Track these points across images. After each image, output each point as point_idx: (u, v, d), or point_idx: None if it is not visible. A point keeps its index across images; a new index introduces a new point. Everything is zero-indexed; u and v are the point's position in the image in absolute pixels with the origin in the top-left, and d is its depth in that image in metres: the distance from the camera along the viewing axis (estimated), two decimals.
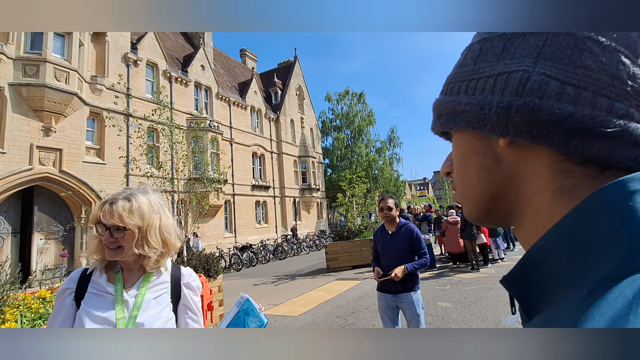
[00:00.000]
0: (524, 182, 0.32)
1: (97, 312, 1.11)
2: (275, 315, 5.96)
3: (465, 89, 0.35)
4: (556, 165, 0.30)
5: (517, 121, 0.30)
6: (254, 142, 23.66)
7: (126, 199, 1.17)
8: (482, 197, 0.36)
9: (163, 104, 7.01)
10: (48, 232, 12.46)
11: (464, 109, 0.34)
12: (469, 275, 7.88)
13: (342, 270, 10.33)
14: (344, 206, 12.66)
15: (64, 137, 12.64)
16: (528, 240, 0.33)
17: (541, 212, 0.31)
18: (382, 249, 3.15)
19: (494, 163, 0.34)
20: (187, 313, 1.26)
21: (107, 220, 1.12)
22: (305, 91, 31.45)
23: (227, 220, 20.37)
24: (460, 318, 4.91)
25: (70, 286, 1.17)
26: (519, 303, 0.33)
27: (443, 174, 0.43)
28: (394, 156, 37.16)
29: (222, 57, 26.48)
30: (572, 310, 0.24)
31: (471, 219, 0.39)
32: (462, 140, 0.37)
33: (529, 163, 0.32)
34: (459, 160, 0.38)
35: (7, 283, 3.47)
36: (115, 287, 1.16)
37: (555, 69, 0.29)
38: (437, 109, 0.39)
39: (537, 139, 0.29)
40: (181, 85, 18.67)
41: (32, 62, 11.77)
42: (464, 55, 0.37)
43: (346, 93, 35.84)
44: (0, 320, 2.99)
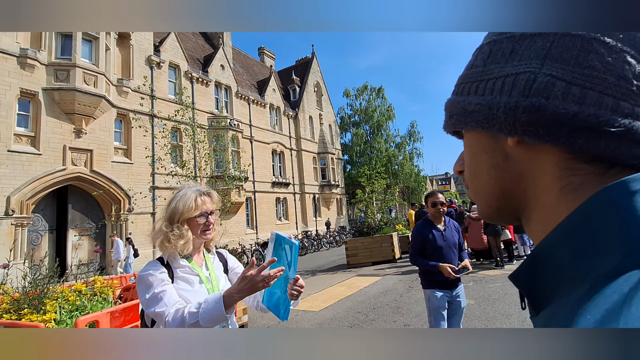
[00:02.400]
0: (532, 180, 0.33)
1: (191, 288, 1.39)
2: (297, 310, 6.05)
3: (475, 90, 0.36)
4: (563, 163, 0.31)
5: (524, 121, 0.31)
6: (274, 140, 23.89)
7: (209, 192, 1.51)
8: (492, 195, 0.37)
9: (185, 104, 7.21)
10: (82, 229, 13.14)
11: (474, 109, 0.36)
12: (493, 272, 7.69)
13: (362, 267, 10.32)
14: (363, 202, 12.61)
15: (94, 139, 13.25)
16: (537, 237, 0.34)
17: (548, 209, 0.32)
18: (434, 246, 3.00)
19: (503, 161, 0.35)
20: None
21: (209, 207, 1.46)
22: (323, 87, 31.39)
23: (249, 217, 20.73)
24: (483, 315, 4.81)
25: (162, 269, 1.38)
26: (527, 298, 0.34)
27: (456, 172, 0.44)
28: (414, 151, 36.53)
29: (241, 56, 26.82)
30: (573, 304, 0.25)
31: (483, 216, 0.40)
32: (473, 140, 0.38)
33: (537, 161, 0.33)
34: (470, 159, 0.39)
35: (47, 277, 3.69)
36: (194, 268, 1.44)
37: (562, 69, 0.30)
38: (448, 108, 0.40)
39: (544, 137, 0.30)
40: (202, 86, 19.09)
41: (63, 67, 12.38)
42: (475, 56, 0.38)
43: (365, 88, 35.47)
44: (42, 311, 3.21)
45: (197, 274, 1.43)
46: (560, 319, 0.25)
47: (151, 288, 1.31)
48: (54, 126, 12.23)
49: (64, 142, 12.39)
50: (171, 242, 1.38)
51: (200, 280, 1.42)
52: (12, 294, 3.42)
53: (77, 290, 3.72)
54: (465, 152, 0.40)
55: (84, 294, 3.64)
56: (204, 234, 1.45)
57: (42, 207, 12.23)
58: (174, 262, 1.42)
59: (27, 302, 3.28)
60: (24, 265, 3.79)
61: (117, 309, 3.13)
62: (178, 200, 1.44)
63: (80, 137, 12.83)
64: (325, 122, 30.28)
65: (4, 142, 10.96)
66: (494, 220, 0.40)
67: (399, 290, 6.82)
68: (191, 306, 1.25)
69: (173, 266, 1.41)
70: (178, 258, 1.43)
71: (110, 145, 13.85)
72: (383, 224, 11.96)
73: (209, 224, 1.45)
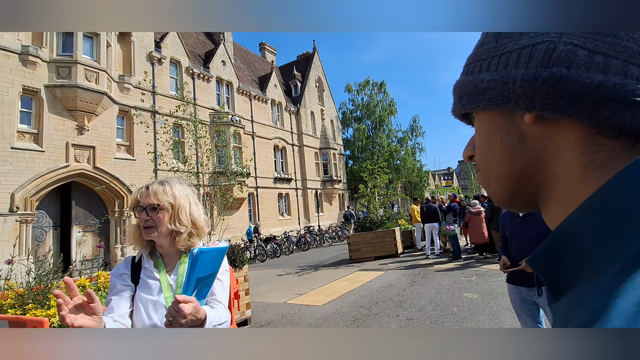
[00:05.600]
0: (552, 159, 0.31)
1: (151, 296, 1.23)
2: (300, 305, 6.07)
3: (488, 67, 0.34)
4: (586, 139, 0.29)
5: (543, 93, 0.29)
6: (275, 135, 23.86)
7: (160, 183, 1.30)
8: (506, 178, 0.35)
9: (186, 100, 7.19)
10: (85, 225, 13.23)
11: (487, 86, 0.33)
12: (496, 266, 7.67)
13: (365, 261, 10.33)
14: (365, 197, 12.60)
15: (97, 135, 13.28)
16: (556, 219, 0.32)
17: (570, 189, 0.30)
18: (510, 235, 2.72)
19: (519, 141, 0.33)
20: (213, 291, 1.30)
21: (144, 200, 1.25)
22: (324, 83, 31.26)
23: (251, 213, 20.78)
24: (487, 309, 4.81)
25: (125, 271, 1.28)
26: (546, 283, 0.32)
27: (466, 158, 0.42)
28: (417, 146, 36.44)
29: (242, 52, 26.72)
30: (604, 286, 0.23)
31: (495, 201, 0.38)
32: (485, 121, 0.36)
33: (556, 139, 0.30)
34: (482, 141, 0.37)
35: (50, 272, 3.72)
36: (159, 272, 1.27)
37: (583, 38, 0.28)
38: (457, 90, 0.38)
39: (566, 111, 0.28)
40: (203, 81, 19.05)
41: (64, 64, 12.37)
42: (485, 34, 0.36)
43: (366, 83, 35.30)
44: (46, 306, 3.23)
45: (157, 278, 1.24)
46: (590, 303, 0.23)
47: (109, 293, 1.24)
48: (57, 123, 12.26)
49: (67, 139, 12.43)
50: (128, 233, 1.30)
51: (161, 288, 1.23)
52: (17, 289, 3.44)
53: (80, 285, 3.74)
54: (477, 135, 0.38)
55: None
56: (144, 231, 1.24)
57: (46, 204, 12.31)
58: (144, 260, 1.28)
59: (31, 297, 3.30)
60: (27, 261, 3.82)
61: None
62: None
63: (82, 134, 12.86)
64: (327, 117, 30.19)
65: (8, 140, 11.00)
66: (506, 206, 0.38)
67: (401, 284, 6.82)
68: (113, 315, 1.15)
69: (142, 266, 1.26)
70: (145, 257, 1.28)
71: (113, 142, 13.88)
72: (385, 219, 11.95)
73: (145, 219, 1.23)
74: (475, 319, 4.45)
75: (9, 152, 11.00)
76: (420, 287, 6.42)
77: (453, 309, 4.99)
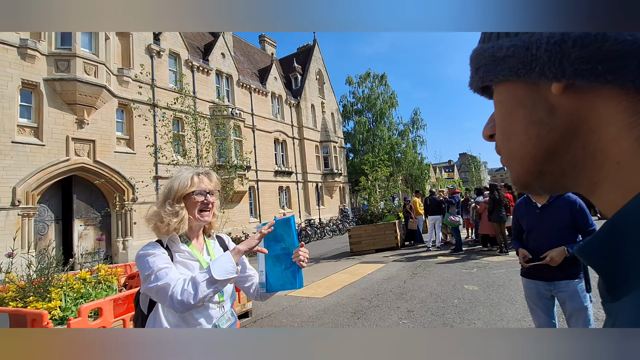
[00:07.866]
0: (593, 133, 0.27)
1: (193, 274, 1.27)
2: (300, 297, 6.09)
3: (507, 32, 0.30)
4: (634, 107, 0.24)
5: (575, 57, 0.24)
6: (276, 129, 23.77)
7: (210, 172, 1.43)
8: (532, 158, 0.31)
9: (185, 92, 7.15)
10: (87, 219, 13.27)
11: (506, 53, 0.29)
12: (497, 259, 7.68)
13: (365, 254, 10.36)
14: (366, 190, 12.58)
15: (96, 129, 13.23)
16: (610, 200, 0.27)
17: (625, 165, 0.26)
18: (528, 227, 2.52)
19: (547, 116, 0.28)
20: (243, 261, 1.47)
21: (207, 186, 1.36)
22: (325, 75, 31.02)
23: (252, 206, 20.81)
24: (488, 301, 4.82)
25: (162, 250, 1.30)
26: (602, 278, 0.27)
27: (486, 137, 0.37)
28: (418, 139, 36.26)
29: (241, 44, 26.47)
30: None
31: (519, 184, 0.34)
32: (506, 94, 0.32)
33: (595, 110, 0.26)
34: (503, 117, 0.33)
35: (51, 265, 3.73)
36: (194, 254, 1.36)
37: None
38: (474, 60, 0.34)
39: (605, 77, 0.24)
40: (203, 74, 18.91)
41: (63, 58, 12.28)
42: None
43: (367, 75, 35.01)
44: (47, 299, 3.24)
45: (197, 259, 1.33)
46: None
47: (154, 264, 1.22)
48: (57, 117, 12.21)
49: (67, 133, 12.40)
50: (164, 221, 1.27)
51: (201, 266, 1.32)
52: (18, 282, 3.45)
53: (81, 278, 3.75)
54: (497, 111, 0.34)
55: (89, 282, 3.67)
56: (202, 215, 1.34)
57: (48, 198, 12.34)
58: (173, 245, 1.32)
59: (32, 290, 3.31)
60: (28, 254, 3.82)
61: (120, 297, 3.15)
62: (174, 179, 1.35)
63: (82, 127, 12.82)
64: (327, 110, 30.03)
65: (8, 134, 10.98)
66: (529, 189, 0.34)
67: (402, 276, 6.83)
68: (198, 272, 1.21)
69: (172, 250, 1.31)
70: (178, 242, 1.33)
71: (113, 136, 13.84)
72: (386, 211, 11.95)
73: (207, 203, 1.34)
74: (476, 311, 4.46)
75: (10, 146, 10.99)
76: (421, 280, 6.43)
77: (454, 301, 5.00)
